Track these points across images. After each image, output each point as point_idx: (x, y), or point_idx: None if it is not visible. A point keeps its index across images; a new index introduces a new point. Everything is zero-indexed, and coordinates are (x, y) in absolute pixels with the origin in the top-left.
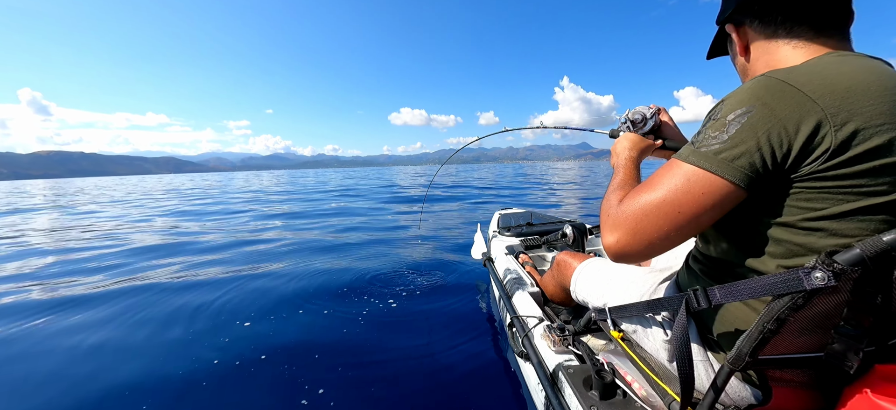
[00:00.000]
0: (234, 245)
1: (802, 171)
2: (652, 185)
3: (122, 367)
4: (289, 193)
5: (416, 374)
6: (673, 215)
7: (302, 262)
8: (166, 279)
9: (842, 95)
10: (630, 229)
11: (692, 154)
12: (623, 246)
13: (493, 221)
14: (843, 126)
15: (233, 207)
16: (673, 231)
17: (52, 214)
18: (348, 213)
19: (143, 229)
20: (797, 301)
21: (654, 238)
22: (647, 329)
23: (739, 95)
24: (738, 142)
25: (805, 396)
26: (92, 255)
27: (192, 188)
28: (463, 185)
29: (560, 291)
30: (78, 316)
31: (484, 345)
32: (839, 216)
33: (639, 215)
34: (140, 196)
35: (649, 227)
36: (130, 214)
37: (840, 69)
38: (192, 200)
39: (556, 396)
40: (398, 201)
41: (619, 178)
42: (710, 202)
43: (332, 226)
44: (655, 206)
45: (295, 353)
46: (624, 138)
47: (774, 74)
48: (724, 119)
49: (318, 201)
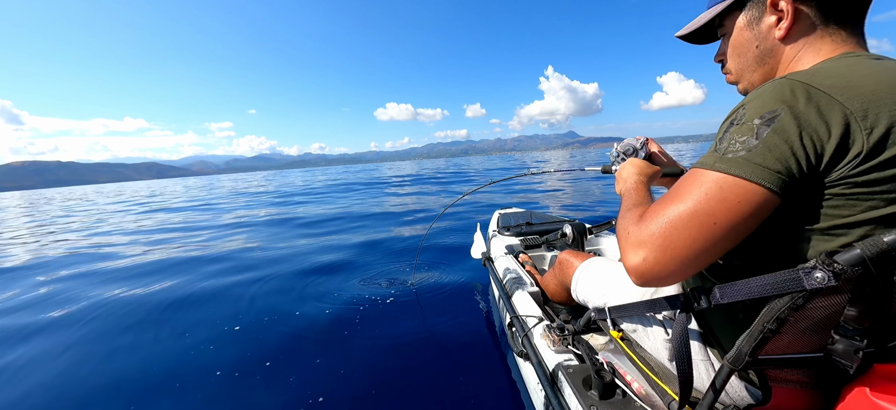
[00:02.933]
0: (235, 250)
1: (833, 176)
2: (678, 196)
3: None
4: (275, 193)
5: (415, 374)
6: (708, 225)
7: (299, 261)
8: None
9: (868, 98)
10: (658, 246)
11: (720, 161)
12: (651, 265)
13: (492, 220)
14: (874, 129)
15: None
16: (709, 244)
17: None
18: (348, 216)
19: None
20: (797, 301)
21: (686, 254)
22: (647, 329)
23: (763, 99)
24: (771, 147)
25: (805, 396)
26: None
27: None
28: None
29: (561, 290)
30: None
31: (483, 345)
32: (865, 223)
33: (667, 230)
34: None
35: (680, 241)
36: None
37: (862, 71)
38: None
39: (555, 396)
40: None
41: (632, 199)
42: (747, 211)
43: (329, 224)
44: (687, 218)
45: (293, 353)
46: (629, 165)
47: (796, 76)
48: (750, 124)
49: (316, 200)
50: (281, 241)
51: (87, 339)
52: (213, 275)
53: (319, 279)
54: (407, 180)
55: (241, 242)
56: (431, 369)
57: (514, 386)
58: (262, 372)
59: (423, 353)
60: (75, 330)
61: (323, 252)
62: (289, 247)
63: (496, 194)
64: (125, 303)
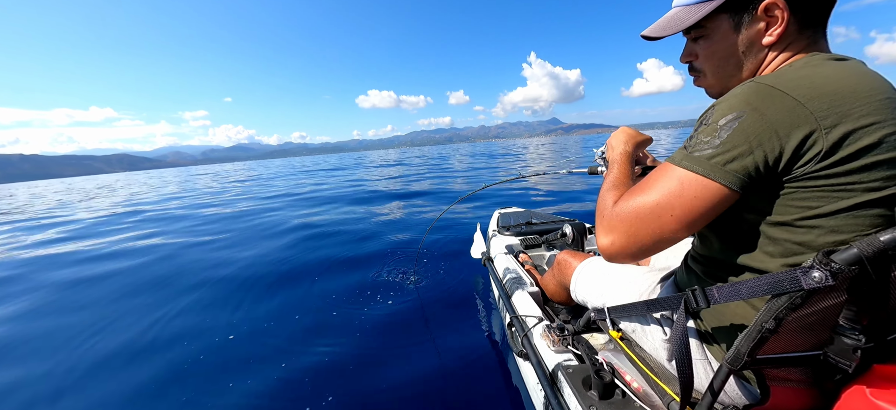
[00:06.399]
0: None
1: (796, 172)
2: (646, 188)
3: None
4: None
5: (415, 374)
6: (665, 217)
7: (298, 260)
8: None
9: (830, 99)
10: (625, 232)
11: (685, 159)
12: (618, 248)
13: (492, 220)
14: (834, 128)
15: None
16: (666, 233)
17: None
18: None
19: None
20: (795, 301)
21: (647, 241)
22: (645, 329)
23: (730, 102)
24: (730, 147)
25: (803, 395)
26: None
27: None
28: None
29: (561, 290)
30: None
31: (483, 345)
32: (835, 213)
33: (632, 219)
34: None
35: (643, 230)
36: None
37: (825, 72)
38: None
39: (555, 396)
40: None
41: (613, 175)
42: (702, 207)
43: (322, 221)
44: (649, 210)
45: (291, 353)
46: (620, 132)
47: (763, 79)
48: (715, 124)
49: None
50: (279, 241)
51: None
52: (213, 275)
53: (319, 280)
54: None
55: (237, 240)
56: (431, 369)
57: (513, 386)
58: (268, 369)
59: (423, 353)
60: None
61: (322, 253)
62: (288, 248)
63: (497, 195)
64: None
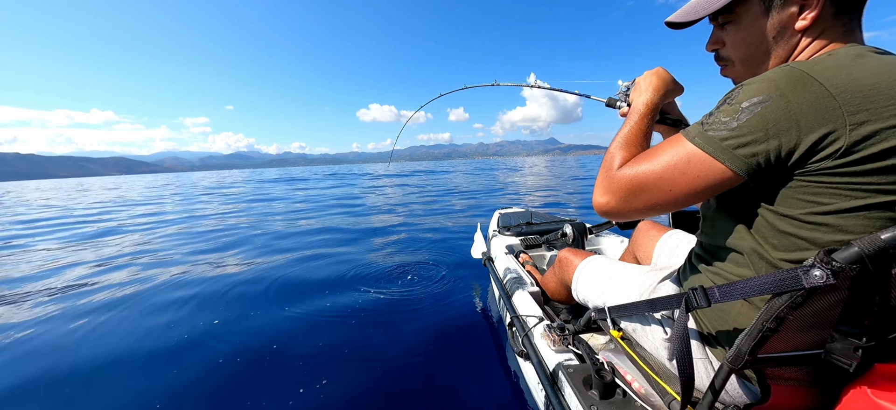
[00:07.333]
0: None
1: (809, 167)
2: (653, 156)
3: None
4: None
5: (415, 374)
6: (665, 191)
7: (298, 260)
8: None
9: (865, 94)
10: (623, 198)
11: (699, 136)
12: (612, 209)
13: (492, 220)
14: (861, 125)
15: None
16: (661, 205)
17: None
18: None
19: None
20: (796, 299)
21: (641, 208)
22: (646, 328)
23: (759, 84)
24: (746, 131)
25: (804, 394)
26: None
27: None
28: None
29: (562, 289)
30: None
31: (484, 345)
32: (844, 212)
33: (634, 187)
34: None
35: (640, 199)
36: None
37: (867, 65)
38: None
39: (555, 395)
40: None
41: (628, 129)
42: (703, 185)
43: (325, 222)
44: (651, 181)
45: (290, 354)
46: (653, 74)
47: (799, 64)
48: (738, 105)
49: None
50: (279, 242)
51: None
52: (215, 276)
53: (318, 280)
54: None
55: (231, 242)
56: (432, 369)
57: (514, 386)
58: (265, 380)
59: (424, 354)
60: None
61: (320, 253)
62: (284, 248)
63: (494, 196)
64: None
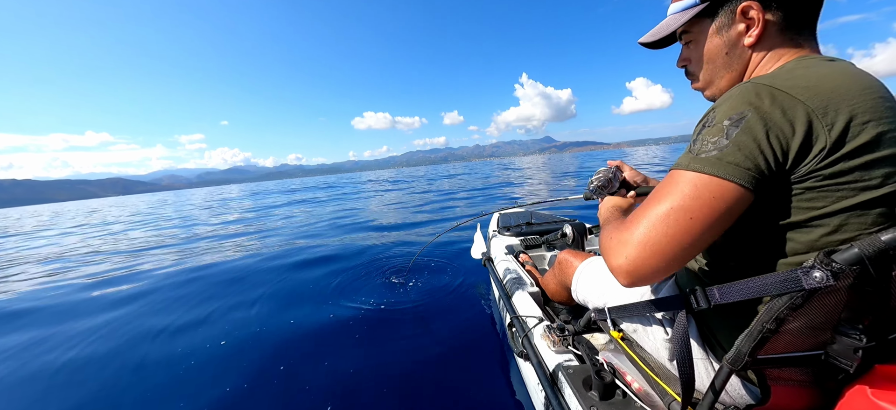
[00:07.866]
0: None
1: (801, 171)
2: (657, 198)
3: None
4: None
5: (415, 374)
6: (685, 221)
7: (298, 262)
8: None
9: (827, 97)
10: (639, 243)
11: (694, 161)
12: (634, 262)
13: (492, 220)
14: (834, 125)
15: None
16: (687, 240)
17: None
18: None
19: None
20: (796, 301)
21: (666, 251)
22: (646, 329)
23: (731, 102)
24: (739, 145)
25: (804, 395)
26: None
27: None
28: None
29: (562, 290)
30: None
31: (483, 345)
32: (838, 213)
33: (648, 229)
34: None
35: (660, 239)
36: None
37: (820, 71)
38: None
39: (555, 396)
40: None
41: (613, 221)
42: (722, 207)
43: (326, 223)
44: (665, 216)
45: (290, 354)
46: (608, 202)
47: (760, 79)
48: (720, 125)
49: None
50: (279, 242)
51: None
52: (217, 279)
53: (318, 281)
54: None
55: (231, 249)
56: (432, 370)
57: (514, 387)
58: (277, 377)
59: (424, 354)
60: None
61: (320, 254)
62: (283, 249)
63: (495, 196)
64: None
